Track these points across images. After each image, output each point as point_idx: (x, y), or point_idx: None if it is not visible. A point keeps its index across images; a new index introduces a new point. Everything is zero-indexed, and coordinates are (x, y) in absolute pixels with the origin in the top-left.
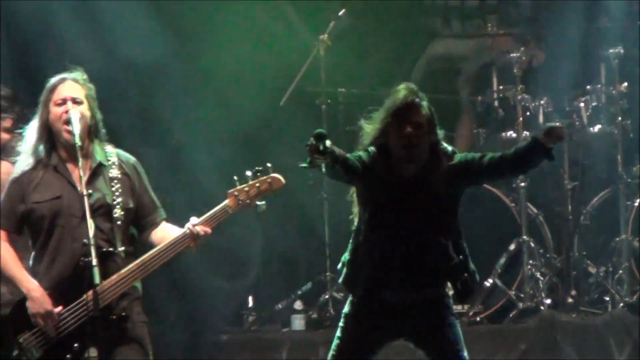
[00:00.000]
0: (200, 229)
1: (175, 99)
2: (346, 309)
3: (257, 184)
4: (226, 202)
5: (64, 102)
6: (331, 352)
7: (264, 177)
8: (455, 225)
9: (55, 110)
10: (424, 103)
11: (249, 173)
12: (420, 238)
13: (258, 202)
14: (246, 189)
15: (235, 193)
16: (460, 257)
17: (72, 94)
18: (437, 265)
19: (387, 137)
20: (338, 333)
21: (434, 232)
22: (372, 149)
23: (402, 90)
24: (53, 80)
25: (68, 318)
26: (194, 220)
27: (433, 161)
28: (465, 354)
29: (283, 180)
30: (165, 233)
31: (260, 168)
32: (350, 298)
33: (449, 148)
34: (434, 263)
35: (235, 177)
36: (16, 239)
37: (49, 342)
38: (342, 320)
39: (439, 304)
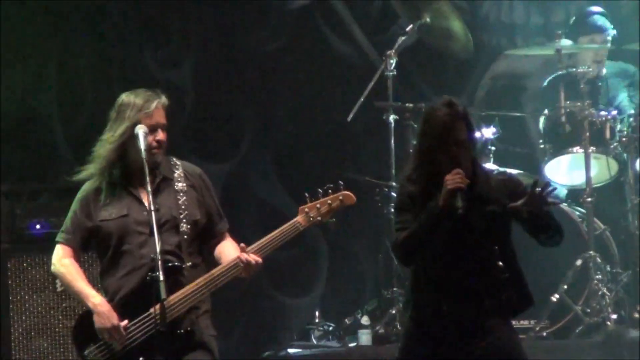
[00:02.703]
0: (252, 259)
1: (242, 114)
2: (405, 330)
3: (329, 201)
4: (297, 218)
5: (155, 129)
6: None
7: (336, 194)
8: (506, 241)
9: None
10: (462, 115)
11: (320, 190)
12: (473, 251)
13: (329, 219)
14: (317, 205)
15: (306, 209)
16: (507, 273)
17: (163, 121)
18: (487, 276)
19: (430, 156)
20: (397, 355)
21: (485, 245)
22: (405, 199)
23: (440, 110)
24: (146, 102)
25: (134, 332)
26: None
27: (478, 174)
28: None
29: (354, 198)
30: (223, 249)
31: (331, 185)
32: (409, 317)
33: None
34: (484, 275)
35: (306, 194)
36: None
37: (114, 356)
38: (401, 341)
39: (498, 324)
